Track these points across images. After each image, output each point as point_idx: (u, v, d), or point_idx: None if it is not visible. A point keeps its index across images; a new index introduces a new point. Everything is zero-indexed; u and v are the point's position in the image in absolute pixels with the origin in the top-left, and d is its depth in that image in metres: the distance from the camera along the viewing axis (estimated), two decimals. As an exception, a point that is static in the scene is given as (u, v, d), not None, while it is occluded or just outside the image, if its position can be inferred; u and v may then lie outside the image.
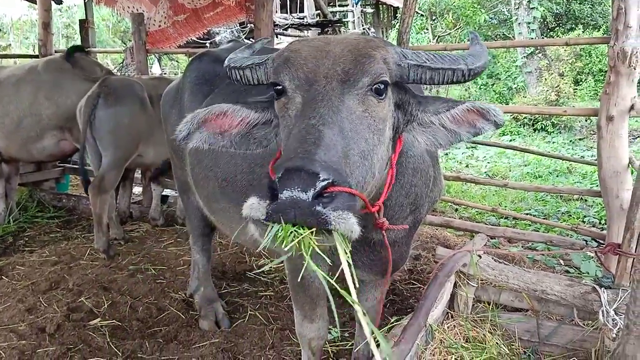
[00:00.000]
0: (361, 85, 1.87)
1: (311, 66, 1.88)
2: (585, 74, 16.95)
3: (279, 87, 1.95)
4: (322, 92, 1.82)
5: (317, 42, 2.01)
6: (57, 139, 6.22)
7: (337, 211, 1.50)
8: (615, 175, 4.63)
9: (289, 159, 1.56)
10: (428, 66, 1.99)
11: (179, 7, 7.88)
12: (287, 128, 1.89)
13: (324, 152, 1.60)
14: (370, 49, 1.93)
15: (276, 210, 1.50)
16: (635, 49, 4.44)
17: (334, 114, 1.76)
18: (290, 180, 1.48)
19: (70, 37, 26.69)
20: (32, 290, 4.81)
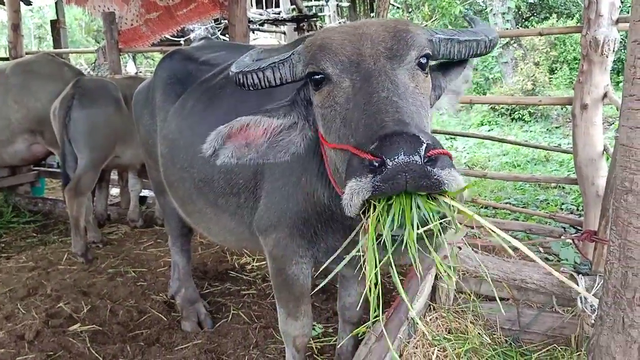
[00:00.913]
0: (409, 59, 1.84)
1: (351, 49, 1.85)
2: (560, 63, 17.13)
3: (318, 77, 1.90)
4: (375, 69, 1.77)
5: (344, 28, 1.98)
6: (29, 142, 6.11)
7: (446, 169, 1.45)
8: (591, 162, 4.69)
9: (380, 128, 1.48)
10: (457, 39, 2.01)
11: (151, 5, 7.77)
12: (341, 113, 1.81)
13: (410, 118, 1.55)
14: (403, 25, 1.92)
15: (386, 178, 1.41)
16: (607, 38, 4.49)
17: (397, 87, 1.72)
18: (394, 145, 1.40)
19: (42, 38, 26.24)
20: (9, 297, 4.72)
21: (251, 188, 2.89)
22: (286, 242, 2.76)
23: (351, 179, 1.50)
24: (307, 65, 1.95)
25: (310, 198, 2.59)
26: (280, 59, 2.05)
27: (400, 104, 1.63)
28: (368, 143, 1.48)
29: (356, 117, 1.69)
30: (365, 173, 1.45)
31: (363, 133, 1.57)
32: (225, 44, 4.34)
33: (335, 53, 1.85)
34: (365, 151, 1.47)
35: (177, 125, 3.42)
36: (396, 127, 1.47)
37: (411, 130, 1.46)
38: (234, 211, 3.07)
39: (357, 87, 1.77)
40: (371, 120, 1.57)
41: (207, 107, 3.24)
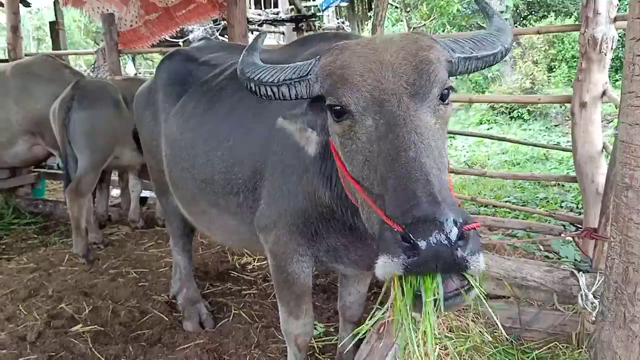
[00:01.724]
0: (432, 97, 1.80)
1: (372, 82, 1.79)
2: (559, 61, 17.14)
3: (339, 108, 1.86)
4: (399, 114, 1.73)
5: (362, 49, 1.90)
6: (29, 144, 6.13)
7: (475, 255, 1.50)
8: (590, 160, 4.70)
9: (414, 206, 1.50)
10: (475, 56, 1.96)
11: (150, 6, 7.79)
12: (363, 152, 1.80)
13: (438, 188, 1.55)
14: (424, 51, 1.85)
15: (418, 264, 1.46)
16: (605, 36, 4.50)
17: (422, 138, 1.70)
18: (426, 231, 1.44)
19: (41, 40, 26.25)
20: (11, 298, 4.72)
21: (250, 187, 2.91)
22: (286, 239, 2.77)
23: (384, 254, 1.53)
24: (327, 95, 1.91)
25: (311, 197, 2.60)
26: (297, 77, 1.99)
27: (427, 166, 1.62)
28: (400, 216, 1.50)
29: (383, 171, 1.68)
30: (398, 252, 1.49)
31: (394, 202, 1.57)
32: (224, 44, 4.35)
33: (358, 88, 1.80)
34: (398, 224, 1.49)
35: (178, 126, 3.44)
36: (428, 211, 1.48)
37: (445, 213, 1.47)
38: (234, 211, 3.08)
39: (381, 132, 1.74)
40: (402, 190, 1.58)
41: (207, 109, 3.26)
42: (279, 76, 2.02)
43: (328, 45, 2.89)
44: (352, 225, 2.59)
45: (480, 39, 2.02)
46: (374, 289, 4.72)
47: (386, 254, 1.52)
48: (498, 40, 2.02)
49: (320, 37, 3.13)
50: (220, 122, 3.12)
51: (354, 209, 2.46)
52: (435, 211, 1.47)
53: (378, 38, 1.97)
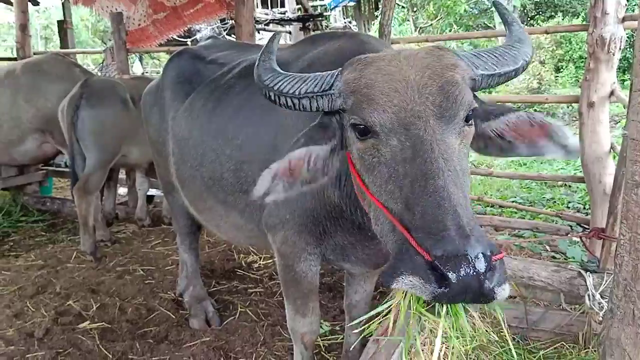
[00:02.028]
0: (458, 120, 1.78)
1: (398, 103, 1.76)
2: (566, 61, 17.11)
3: (362, 127, 1.83)
4: (426, 137, 1.71)
5: (387, 66, 1.86)
6: (39, 142, 6.18)
7: (502, 286, 1.52)
8: (598, 160, 4.69)
9: (443, 239, 1.51)
10: (498, 73, 1.93)
11: (158, 5, 7.82)
12: (388, 172, 1.77)
13: (466, 220, 1.56)
14: (449, 71, 1.82)
15: (448, 295, 1.48)
16: (613, 36, 4.49)
17: (449, 163, 1.69)
18: (457, 265, 1.46)
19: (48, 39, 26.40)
20: (19, 295, 4.76)
21: None
22: (294, 239, 2.77)
23: (411, 274, 1.53)
24: (350, 113, 1.88)
25: (319, 196, 2.61)
26: (320, 90, 1.95)
27: (456, 196, 1.62)
28: (430, 247, 1.51)
29: (409, 195, 1.67)
30: (429, 279, 1.50)
31: (423, 231, 1.57)
32: (232, 43, 4.36)
33: (383, 108, 1.77)
34: (427, 252, 1.51)
35: (186, 124, 3.45)
36: (459, 244, 1.49)
37: (474, 247, 1.49)
38: (243, 208, 3.09)
39: (407, 154, 1.73)
40: (431, 219, 1.58)
41: (215, 107, 3.27)
42: (300, 88, 1.98)
43: (337, 44, 2.90)
44: (361, 224, 2.59)
45: (502, 53, 1.99)
46: (380, 287, 4.72)
47: (417, 276, 1.53)
48: (519, 54, 1.99)
49: (330, 35, 3.13)
50: (228, 120, 3.13)
51: (363, 208, 2.47)
52: (465, 245, 1.49)
53: (402, 54, 1.92)
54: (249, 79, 3.21)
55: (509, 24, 2.17)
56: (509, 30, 2.15)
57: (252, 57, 3.49)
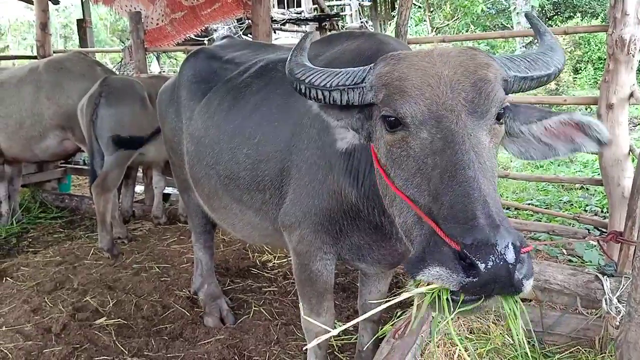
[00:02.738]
0: (489, 116, 1.79)
1: (430, 96, 1.77)
2: (585, 62, 16.92)
3: (393, 119, 1.85)
4: (457, 130, 1.72)
5: (420, 62, 1.88)
6: (60, 138, 6.28)
7: (529, 280, 1.52)
8: (617, 163, 4.63)
9: (472, 228, 1.50)
10: (531, 77, 1.94)
11: (176, 5, 7.88)
12: (416, 164, 1.78)
13: (496, 210, 1.56)
14: (482, 69, 1.83)
15: (477, 285, 1.48)
16: (633, 37, 4.43)
17: (480, 157, 1.70)
18: (486, 254, 1.45)
19: (68, 37, 26.71)
20: (37, 290, 4.83)
21: (277, 185, 2.93)
22: (311, 238, 2.78)
23: (437, 265, 1.52)
24: (382, 105, 1.89)
25: (337, 196, 2.61)
26: (351, 83, 1.97)
27: (485, 187, 1.62)
28: (459, 235, 1.50)
29: (438, 185, 1.67)
30: (456, 269, 1.49)
31: (452, 220, 1.57)
32: (248, 42, 4.38)
33: (415, 100, 1.78)
34: (456, 242, 1.50)
35: (203, 123, 3.48)
36: (490, 233, 1.48)
37: (504, 237, 1.48)
38: (259, 207, 3.11)
39: (437, 146, 1.73)
40: (461, 209, 1.57)
41: (232, 106, 3.29)
42: (332, 81, 2.00)
43: (355, 43, 2.91)
44: (378, 224, 2.59)
45: (535, 58, 1.99)
46: (394, 289, 4.72)
47: (443, 267, 1.51)
48: (552, 61, 1.99)
49: (347, 35, 3.14)
50: (245, 119, 3.15)
51: (381, 208, 2.46)
52: (495, 234, 1.48)
53: (435, 51, 1.93)
54: (266, 79, 3.23)
55: (541, 33, 2.18)
56: (541, 39, 2.16)
57: (269, 57, 3.50)
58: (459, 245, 1.49)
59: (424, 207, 1.71)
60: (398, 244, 2.73)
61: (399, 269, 5.07)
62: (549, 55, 2.02)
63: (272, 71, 3.27)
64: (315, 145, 2.69)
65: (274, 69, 3.27)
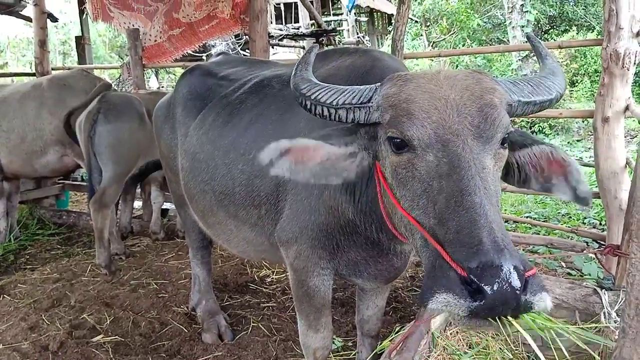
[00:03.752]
0: (495, 141, 1.81)
1: (437, 120, 1.79)
2: (581, 75, 17.01)
3: (399, 141, 1.85)
4: (463, 155, 1.73)
5: (427, 84, 1.89)
6: (60, 154, 6.33)
7: (538, 294, 1.53)
8: (613, 176, 4.64)
9: (478, 252, 1.53)
10: (534, 101, 1.97)
11: (174, 22, 7.94)
12: (422, 186, 1.80)
13: (501, 236, 1.58)
14: (488, 94, 1.85)
15: (484, 308, 1.49)
16: (628, 50, 4.47)
17: (485, 182, 1.72)
18: (492, 277, 1.47)
19: (66, 54, 26.81)
20: (34, 308, 4.80)
21: (273, 200, 2.93)
22: (308, 253, 2.78)
23: (444, 292, 1.54)
24: (388, 126, 1.89)
25: (333, 211, 2.62)
26: (358, 102, 1.98)
27: (491, 213, 1.64)
28: (464, 260, 1.53)
29: (444, 210, 1.69)
30: (463, 294, 1.51)
31: (458, 245, 1.59)
32: (243, 59, 4.40)
33: (422, 123, 1.80)
34: (462, 267, 1.52)
35: (198, 139, 3.49)
36: (494, 257, 1.50)
37: (509, 261, 1.50)
38: (254, 222, 3.11)
39: (443, 170, 1.75)
40: (467, 234, 1.59)
41: (227, 122, 3.31)
42: (338, 98, 2.01)
43: (349, 60, 2.93)
44: (375, 240, 2.60)
45: (537, 82, 2.02)
46: (392, 303, 4.70)
47: (450, 293, 1.53)
48: (554, 85, 2.02)
49: (342, 51, 3.16)
50: (240, 135, 3.16)
51: (379, 224, 2.48)
52: (499, 257, 1.50)
53: (442, 74, 1.95)
54: (260, 95, 3.25)
55: (542, 57, 2.21)
56: (543, 63, 2.19)
57: (263, 73, 3.52)
58: (464, 270, 1.51)
59: (430, 229, 1.72)
60: (395, 259, 2.73)
61: (397, 282, 5.07)
62: (551, 80, 2.05)
63: (266, 87, 3.29)
64: None
65: (269, 85, 3.29)
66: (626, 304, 1.85)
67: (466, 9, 21.44)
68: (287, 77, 3.23)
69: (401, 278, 5.20)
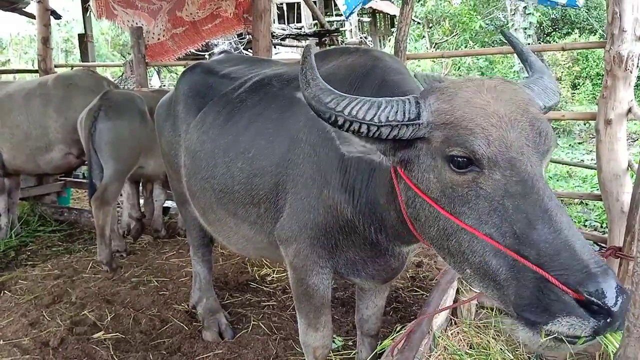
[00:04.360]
0: (549, 156, 1.85)
1: (498, 137, 1.76)
2: (583, 78, 17.01)
3: (462, 160, 1.80)
4: (535, 174, 1.74)
5: (472, 98, 1.85)
6: (64, 152, 6.37)
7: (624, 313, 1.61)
8: (615, 178, 4.64)
9: (590, 276, 1.55)
10: (549, 106, 2.04)
11: (177, 20, 7.95)
12: (491, 205, 1.75)
13: (589, 251, 1.63)
14: (531, 106, 1.87)
15: (605, 327, 1.54)
16: (631, 53, 4.47)
17: (553, 196, 1.74)
18: (614, 298, 1.52)
19: (69, 52, 26.86)
20: (35, 304, 4.81)
21: (272, 199, 2.93)
22: (307, 252, 2.78)
23: (566, 315, 1.56)
24: (449, 144, 1.82)
25: (332, 211, 2.62)
26: (406, 120, 1.89)
27: (577, 232, 1.67)
28: (576, 283, 1.55)
29: (529, 232, 1.67)
30: (584, 315, 1.54)
31: (561, 268, 1.59)
32: (244, 58, 4.40)
33: (487, 142, 1.75)
34: (575, 290, 1.55)
35: (198, 137, 3.49)
36: (605, 277, 1.56)
37: (614, 278, 1.58)
38: (254, 220, 3.11)
39: (515, 190, 1.72)
40: (567, 256, 1.60)
41: (227, 121, 3.31)
42: (379, 115, 1.89)
43: (349, 59, 2.92)
44: (373, 241, 2.61)
45: (544, 86, 2.07)
46: (393, 303, 4.71)
47: (572, 316, 1.56)
48: (556, 88, 2.08)
49: (341, 51, 3.15)
50: (240, 133, 3.16)
51: (378, 226, 2.50)
52: (609, 278, 1.56)
53: (481, 85, 1.91)
54: (261, 93, 3.25)
55: (525, 55, 2.23)
56: (530, 63, 2.22)
57: (264, 72, 3.52)
58: (581, 294, 1.53)
59: (511, 248, 1.69)
60: (392, 260, 2.74)
61: (398, 283, 5.07)
62: (550, 81, 2.08)
63: (266, 86, 3.28)
64: (311, 160, 2.70)
65: (269, 84, 3.28)
66: (631, 303, 1.86)
67: (469, 10, 21.43)
68: (288, 76, 3.23)
69: (402, 278, 5.21)
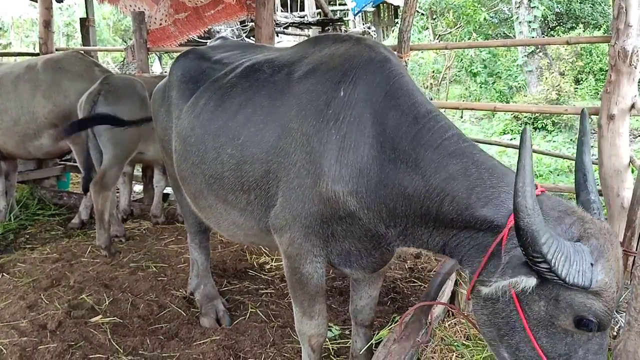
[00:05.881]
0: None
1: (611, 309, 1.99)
2: (586, 73, 16.93)
3: (593, 324, 1.94)
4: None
5: (615, 269, 1.97)
6: (54, 138, 6.19)
7: None
8: (616, 174, 4.64)
9: None
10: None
11: (180, 6, 7.89)
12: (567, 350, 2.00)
13: None
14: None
15: None
16: (636, 48, 4.45)
17: None
18: None
19: (70, 36, 26.70)
20: (33, 287, 4.82)
21: (262, 186, 2.92)
22: (301, 241, 2.78)
23: None
24: (590, 310, 1.92)
25: (331, 203, 2.61)
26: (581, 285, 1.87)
27: None
28: None
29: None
30: None
31: None
32: (239, 44, 4.37)
33: (610, 317, 1.97)
34: None
35: (189, 122, 3.48)
36: None
37: None
38: (243, 207, 3.11)
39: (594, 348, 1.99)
40: None
41: (217, 106, 3.29)
42: (570, 273, 1.86)
43: (342, 48, 2.92)
44: (375, 233, 2.60)
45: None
46: (390, 294, 4.72)
47: None
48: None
49: (334, 38, 3.13)
50: (230, 119, 3.14)
51: (389, 221, 2.55)
52: None
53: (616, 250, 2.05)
54: (251, 79, 3.23)
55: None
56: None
57: (256, 57, 3.49)
58: None
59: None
60: (386, 253, 2.76)
61: (395, 273, 5.08)
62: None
63: (257, 72, 3.25)
64: (303, 149, 2.69)
65: (260, 69, 3.25)
66: (633, 297, 1.86)
67: (473, 2, 21.28)
68: (279, 62, 3.21)
69: (400, 269, 5.22)
